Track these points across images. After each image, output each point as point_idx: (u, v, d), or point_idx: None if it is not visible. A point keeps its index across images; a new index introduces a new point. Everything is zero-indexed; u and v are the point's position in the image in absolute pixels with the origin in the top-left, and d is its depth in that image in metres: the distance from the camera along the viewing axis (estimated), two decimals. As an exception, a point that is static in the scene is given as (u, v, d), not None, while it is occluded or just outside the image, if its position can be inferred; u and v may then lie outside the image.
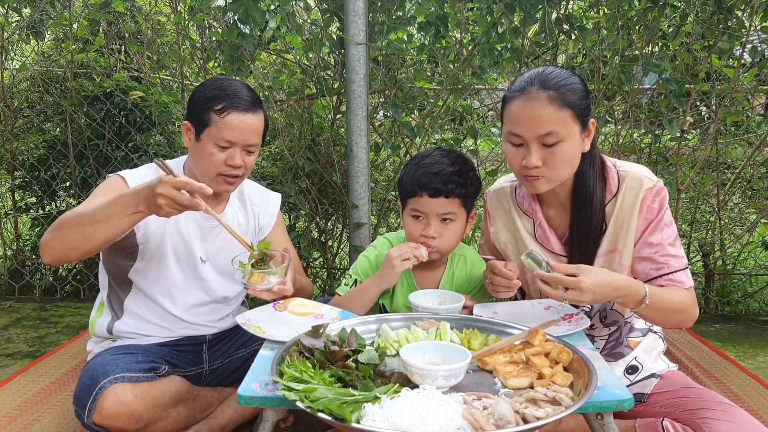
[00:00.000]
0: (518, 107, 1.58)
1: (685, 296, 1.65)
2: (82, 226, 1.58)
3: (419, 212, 1.84)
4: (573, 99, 1.56)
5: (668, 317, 1.64)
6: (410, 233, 1.88)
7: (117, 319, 1.91)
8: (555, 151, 1.57)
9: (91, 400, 1.61)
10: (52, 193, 3.66)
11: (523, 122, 1.57)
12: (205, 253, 1.93)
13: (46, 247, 1.64)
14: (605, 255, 1.72)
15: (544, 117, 1.54)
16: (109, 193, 1.71)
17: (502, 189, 1.91)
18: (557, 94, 1.55)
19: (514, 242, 1.87)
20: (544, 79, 1.57)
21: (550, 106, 1.54)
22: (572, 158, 1.61)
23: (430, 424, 1.12)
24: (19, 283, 3.55)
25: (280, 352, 1.36)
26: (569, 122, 1.56)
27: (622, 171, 1.70)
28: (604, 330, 1.82)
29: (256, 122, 1.83)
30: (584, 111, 1.59)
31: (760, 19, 2.78)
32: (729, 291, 3.42)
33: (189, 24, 3.14)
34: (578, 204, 1.70)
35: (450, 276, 1.97)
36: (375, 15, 2.83)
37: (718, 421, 1.43)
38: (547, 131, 1.55)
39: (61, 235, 1.61)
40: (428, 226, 1.83)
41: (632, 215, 1.67)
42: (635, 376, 1.75)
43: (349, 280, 1.96)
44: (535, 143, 1.57)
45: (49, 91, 3.49)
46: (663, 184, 1.68)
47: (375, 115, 3.32)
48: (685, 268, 1.68)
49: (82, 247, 1.61)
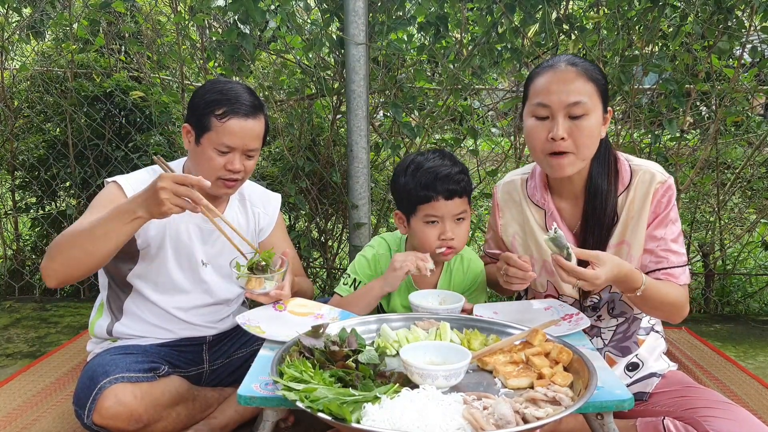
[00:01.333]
0: (547, 79, 1.64)
1: (679, 292, 1.68)
2: (81, 244, 1.59)
3: (434, 217, 1.83)
4: (599, 77, 1.64)
5: (659, 309, 1.68)
6: (427, 240, 1.85)
7: (117, 321, 1.90)
8: (580, 124, 1.60)
9: (91, 400, 1.61)
10: (52, 193, 3.66)
11: (552, 91, 1.61)
12: (206, 255, 1.93)
13: (48, 270, 1.64)
14: (615, 246, 1.74)
15: (573, 87, 1.60)
16: (107, 205, 1.73)
17: (512, 182, 1.93)
18: (585, 69, 1.62)
19: (523, 234, 1.89)
20: (571, 59, 1.65)
21: (580, 78, 1.61)
22: (595, 136, 1.64)
23: (430, 424, 1.12)
24: (19, 283, 3.55)
25: (280, 352, 1.36)
26: (594, 96, 1.62)
27: (635, 165, 1.74)
28: (611, 321, 1.83)
29: (256, 127, 1.83)
30: (606, 93, 1.66)
31: (760, 19, 2.78)
32: (729, 291, 3.42)
33: (189, 24, 3.14)
34: (591, 194, 1.72)
35: (448, 275, 1.98)
36: (375, 15, 2.83)
37: (720, 419, 1.44)
38: (577, 100, 1.59)
39: (62, 257, 1.62)
40: (446, 229, 1.83)
41: (643, 208, 1.69)
42: (635, 373, 1.75)
43: (348, 279, 1.96)
44: (561, 114, 1.61)
45: (49, 91, 3.49)
46: (673, 181, 1.71)
47: (375, 115, 3.33)
48: (684, 265, 1.70)
49: (84, 264, 1.61)
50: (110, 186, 1.84)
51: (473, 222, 3.42)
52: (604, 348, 1.80)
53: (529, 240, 1.87)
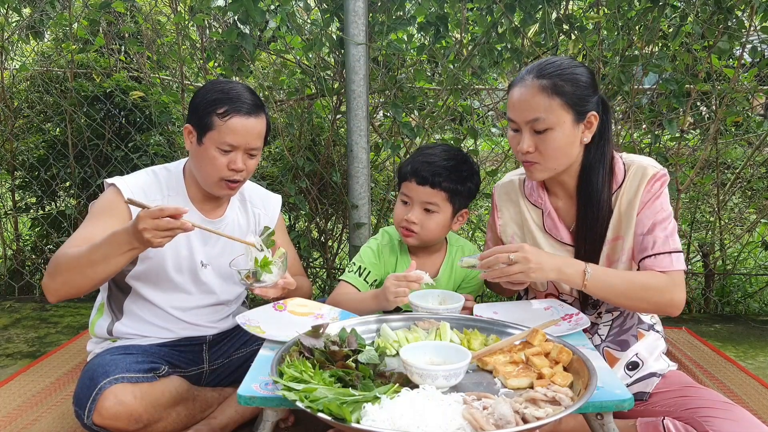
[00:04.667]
0: (513, 93, 1.69)
1: (657, 279, 1.64)
2: (81, 269, 1.63)
3: (407, 197, 1.94)
4: (567, 89, 1.63)
5: (626, 298, 1.64)
6: (396, 216, 1.98)
7: (117, 321, 1.90)
8: (545, 137, 1.65)
9: (91, 400, 1.61)
10: (52, 193, 3.66)
11: (515, 107, 1.68)
12: (206, 256, 1.93)
13: (50, 290, 1.69)
14: (610, 242, 1.75)
15: (532, 104, 1.63)
16: (106, 213, 1.76)
17: (510, 182, 1.96)
18: (550, 83, 1.62)
19: (521, 234, 1.91)
20: (542, 69, 1.66)
21: (540, 94, 1.62)
22: (564, 147, 1.67)
23: (430, 424, 1.12)
24: (19, 283, 3.55)
25: (280, 352, 1.36)
26: (558, 110, 1.63)
27: (628, 161, 1.76)
28: (607, 316, 1.84)
29: (258, 126, 1.83)
30: (579, 101, 1.64)
31: (760, 19, 2.78)
32: (729, 291, 3.42)
33: (189, 24, 3.13)
34: (584, 197, 1.75)
35: (449, 264, 2.03)
36: (375, 15, 2.83)
37: (720, 419, 1.43)
38: (534, 117, 1.63)
39: (61, 278, 1.66)
40: (411, 211, 1.92)
41: (635, 200, 1.71)
42: (635, 372, 1.75)
43: (353, 267, 2.01)
44: (526, 129, 1.67)
45: (49, 91, 3.49)
46: (667, 171, 1.72)
47: (375, 115, 3.32)
48: (672, 251, 1.67)
49: (86, 286, 1.66)
50: (109, 190, 1.83)
51: (473, 222, 3.43)
52: (602, 344, 1.80)
53: (527, 240, 1.88)
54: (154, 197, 1.85)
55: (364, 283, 1.97)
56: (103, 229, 1.68)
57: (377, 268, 2.01)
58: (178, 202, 1.87)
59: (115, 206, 1.79)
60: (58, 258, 1.66)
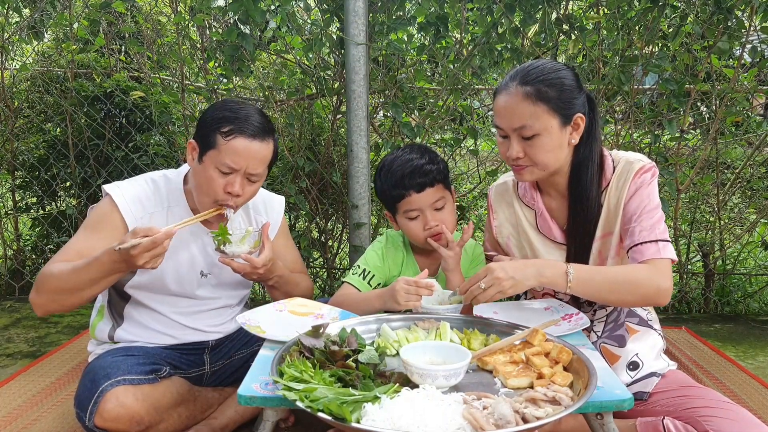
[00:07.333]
0: (499, 101, 1.70)
1: (640, 271, 1.61)
2: (70, 290, 1.64)
3: (413, 211, 1.90)
4: (550, 94, 1.63)
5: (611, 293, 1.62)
6: (414, 235, 1.93)
7: (118, 326, 1.89)
8: (533, 143, 1.66)
9: (93, 403, 1.61)
10: (53, 193, 3.66)
11: (501, 115, 1.69)
12: (206, 266, 1.91)
13: (39, 306, 1.70)
14: (601, 239, 1.77)
15: (518, 112, 1.64)
16: (100, 225, 1.76)
17: (504, 183, 1.97)
18: (534, 89, 1.63)
19: (516, 235, 1.92)
20: (526, 74, 1.66)
21: (525, 102, 1.63)
22: (553, 150, 1.68)
23: (430, 424, 1.12)
24: (19, 283, 3.55)
25: (280, 352, 1.37)
26: (543, 116, 1.63)
27: (617, 158, 1.77)
28: (600, 312, 1.84)
29: (263, 150, 1.76)
30: (564, 105, 1.65)
31: (760, 19, 2.78)
32: (729, 291, 3.42)
33: (189, 24, 3.14)
34: (575, 196, 1.76)
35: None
36: (375, 15, 2.83)
37: (720, 419, 1.43)
38: (521, 125, 1.64)
39: (48, 295, 1.67)
40: (427, 219, 1.89)
41: (622, 194, 1.72)
42: (636, 372, 1.74)
43: (357, 270, 1.99)
44: (514, 135, 1.68)
45: (49, 91, 3.49)
46: (655, 164, 1.73)
47: (375, 115, 3.32)
48: (658, 240, 1.64)
49: (76, 303, 1.69)
50: (105, 201, 1.80)
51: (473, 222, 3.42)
52: (598, 340, 1.79)
53: (522, 241, 1.90)
54: (153, 209, 1.82)
55: (368, 286, 1.96)
56: (95, 244, 1.69)
57: (381, 271, 2.00)
58: (179, 214, 1.84)
59: (110, 218, 1.77)
60: (46, 274, 1.66)
